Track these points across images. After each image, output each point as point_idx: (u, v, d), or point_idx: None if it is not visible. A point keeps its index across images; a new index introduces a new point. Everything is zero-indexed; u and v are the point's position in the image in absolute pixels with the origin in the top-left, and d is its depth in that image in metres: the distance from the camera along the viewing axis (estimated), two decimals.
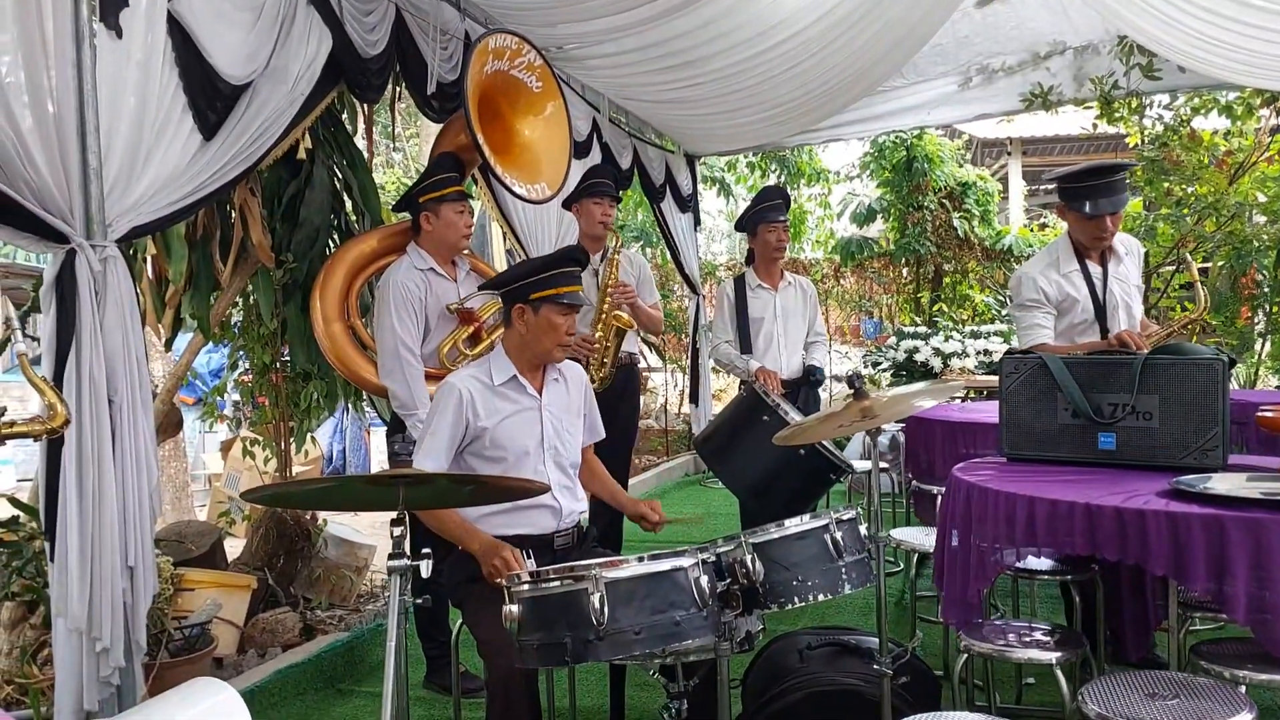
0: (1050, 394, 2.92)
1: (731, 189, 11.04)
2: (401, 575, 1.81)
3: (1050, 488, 2.50)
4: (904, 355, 7.34)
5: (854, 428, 2.41)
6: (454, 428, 2.68)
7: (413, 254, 3.51)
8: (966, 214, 9.49)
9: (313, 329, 3.60)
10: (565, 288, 2.72)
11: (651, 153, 6.87)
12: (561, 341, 2.76)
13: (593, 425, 3.03)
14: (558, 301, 2.70)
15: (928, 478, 4.09)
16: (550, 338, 2.74)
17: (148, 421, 2.80)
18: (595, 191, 4.20)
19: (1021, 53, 6.81)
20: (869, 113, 7.41)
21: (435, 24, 3.93)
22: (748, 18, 5.20)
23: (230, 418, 4.58)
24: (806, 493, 3.73)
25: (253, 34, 3.05)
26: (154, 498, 2.82)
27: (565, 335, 2.76)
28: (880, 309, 10.69)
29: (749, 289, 4.70)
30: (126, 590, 2.68)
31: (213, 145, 2.95)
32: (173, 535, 3.90)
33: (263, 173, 3.84)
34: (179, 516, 5.66)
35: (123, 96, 2.66)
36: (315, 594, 4.01)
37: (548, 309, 2.72)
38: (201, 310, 3.80)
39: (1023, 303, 3.58)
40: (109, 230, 2.65)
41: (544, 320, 2.73)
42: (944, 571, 2.70)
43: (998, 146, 12.85)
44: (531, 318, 2.74)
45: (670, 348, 10.16)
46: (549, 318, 2.72)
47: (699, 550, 1.99)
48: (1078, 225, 3.53)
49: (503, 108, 3.68)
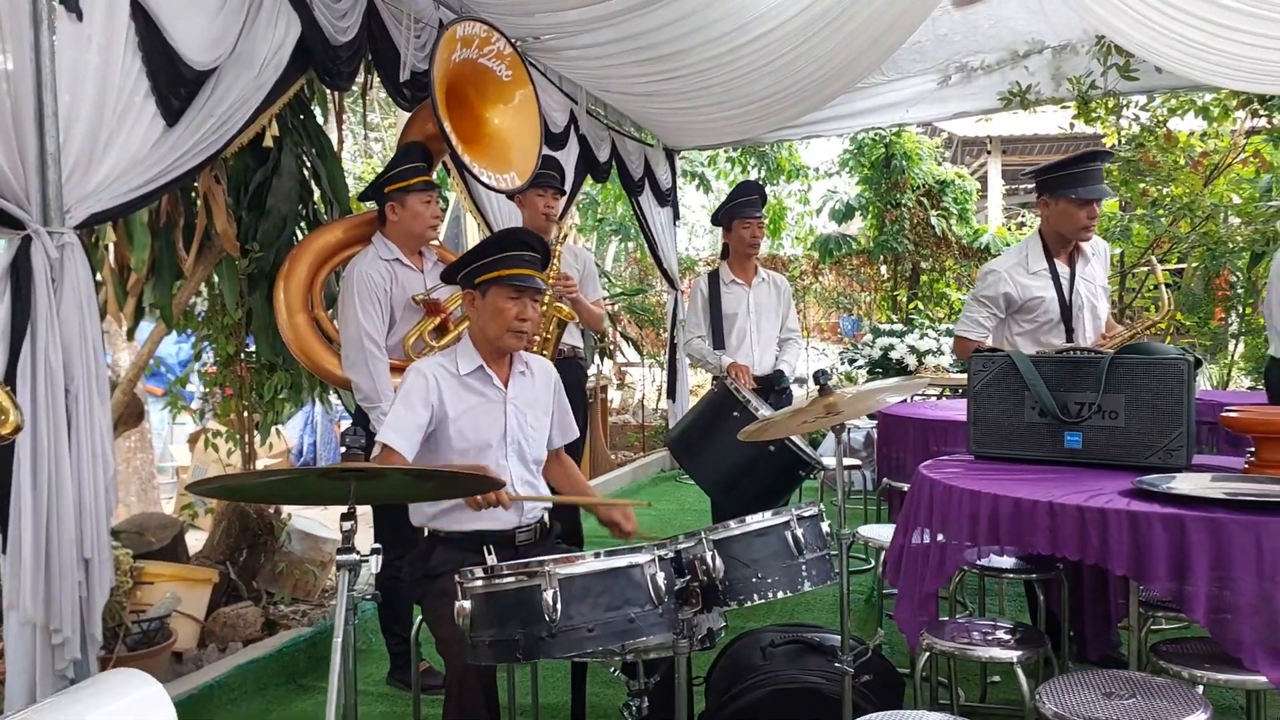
0: (1018, 392, 2.91)
1: (711, 184, 11.02)
2: (350, 570, 1.77)
3: (1015, 486, 2.49)
4: (880, 353, 7.35)
5: (819, 424, 2.39)
6: (422, 409, 2.63)
7: (378, 244, 3.46)
8: (944, 212, 9.51)
9: (276, 320, 3.55)
10: (512, 269, 2.63)
11: (630, 146, 6.84)
12: (511, 327, 2.65)
13: (563, 425, 2.97)
14: (504, 283, 2.63)
15: (899, 475, 4.09)
16: (498, 322, 2.66)
17: (105, 412, 2.76)
18: (539, 183, 4.03)
19: (1000, 51, 6.82)
20: (848, 109, 7.41)
21: (409, 11, 3.89)
22: (727, 10, 5.17)
23: (196, 410, 4.51)
24: (776, 489, 3.73)
25: (219, 18, 3.01)
26: (110, 489, 2.78)
27: (515, 320, 2.65)
28: (858, 306, 10.71)
29: (723, 284, 4.67)
30: (82, 583, 2.65)
31: (176, 131, 2.90)
32: (133, 528, 3.85)
33: (228, 160, 3.79)
34: (145, 509, 5.59)
35: (83, 81, 2.61)
36: (278, 588, 3.97)
37: (494, 292, 2.65)
38: (164, 299, 3.74)
39: (977, 295, 3.68)
40: (67, 217, 2.60)
41: (491, 304, 2.67)
42: (900, 568, 2.69)
43: (977, 145, 12.89)
44: (481, 303, 2.69)
45: (649, 343, 10.14)
46: (495, 302, 2.66)
47: (658, 547, 1.97)
48: (1065, 214, 3.52)
49: (471, 97, 3.64)
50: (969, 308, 3.73)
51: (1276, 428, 2.56)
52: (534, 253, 2.72)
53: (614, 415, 9.71)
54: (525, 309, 2.67)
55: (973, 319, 3.66)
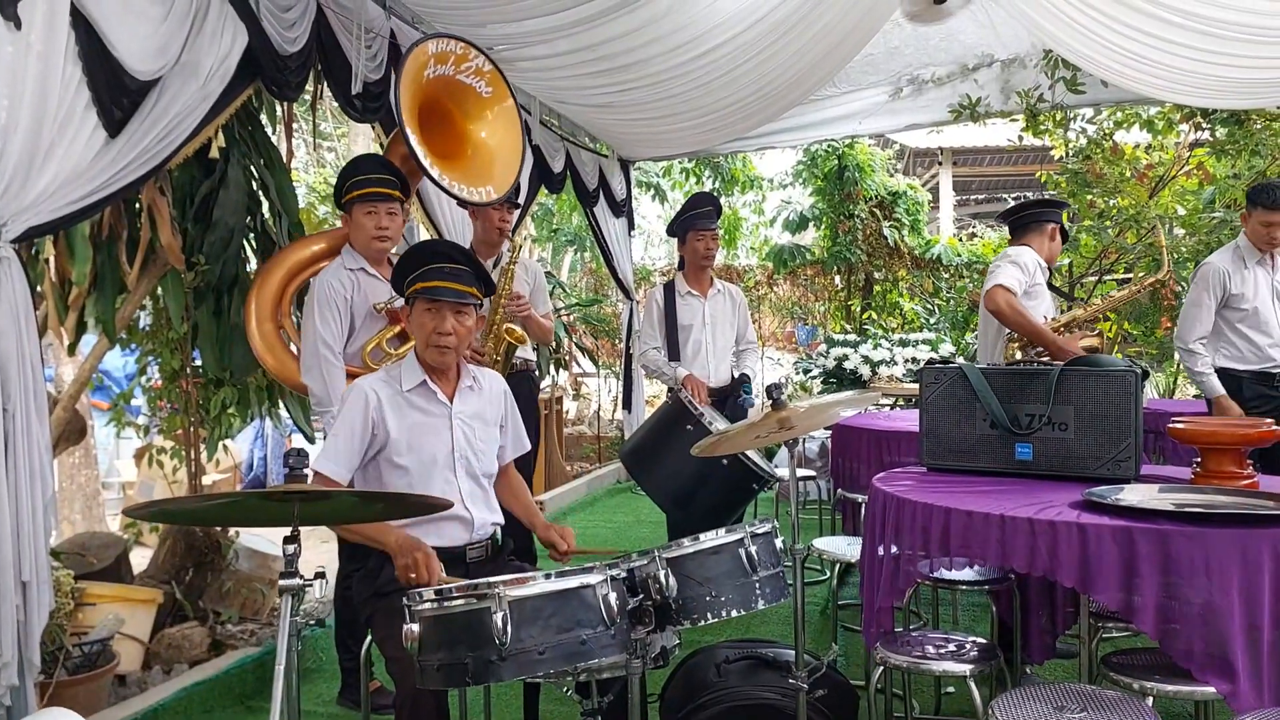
0: (969, 404, 2.94)
1: (667, 194, 11.05)
2: (294, 595, 1.73)
3: (966, 498, 2.51)
4: (834, 363, 7.40)
5: (772, 438, 2.39)
6: (362, 432, 2.59)
7: (345, 254, 3.45)
8: (897, 223, 9.62)
9: (245, 327, 3.54)
10: (429, 282, 2.57)
11: (585, 156, 6.83)
12: (431, 341, 2.59)
13: (516, 438, 2.93)
14: (421, 296, 2.58)
15: (853, 486, 4.11)
16: (419, 336, 2.62)
17: (44, 431, 2.69)
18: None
19: (950, 64, 6.93)
20: (802, 121, 7.48)
21: (359, 22, 3.85)
22: (682, 22, 5.18)
23: (141, 425, 4.41)
24: (730, 502, 3.72)
25: (163, 27, 2.95)
26: (49, 510, 2.71)
27: (434, 334, 2.58)
28: (813, 316, 10.79)
29: (678, 295, 4.66)
30: (20, 607, 2.57)
31: (118, 142, 2.85)
32: (74, 548, 3.74)
33: (173, 172, 3.71)
34: (90, 526, 5.45)
35: (21, 91, 2.54)
36: (225, 608, 3.88)
37: (416, 306, 2.61)
38: (106, 313, 3.65)
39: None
40: (4, 230, 2.55)
41: (415, 318, 2.63)
42: (865, 582, 2.70)
43: (929, 156, 13.07)
44: (410, 316, 2.65)
45: (604, 353, 10.12)
46: (417, 315, 2.62)
47: (609, 567, 1.95)
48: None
49: (453, 113, 3.62)
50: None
51: (1221, 439, 2.61)
52: (455, 264, 2.62)
53: (569, 426, 9.66)
54: (444, 322, 2.59)
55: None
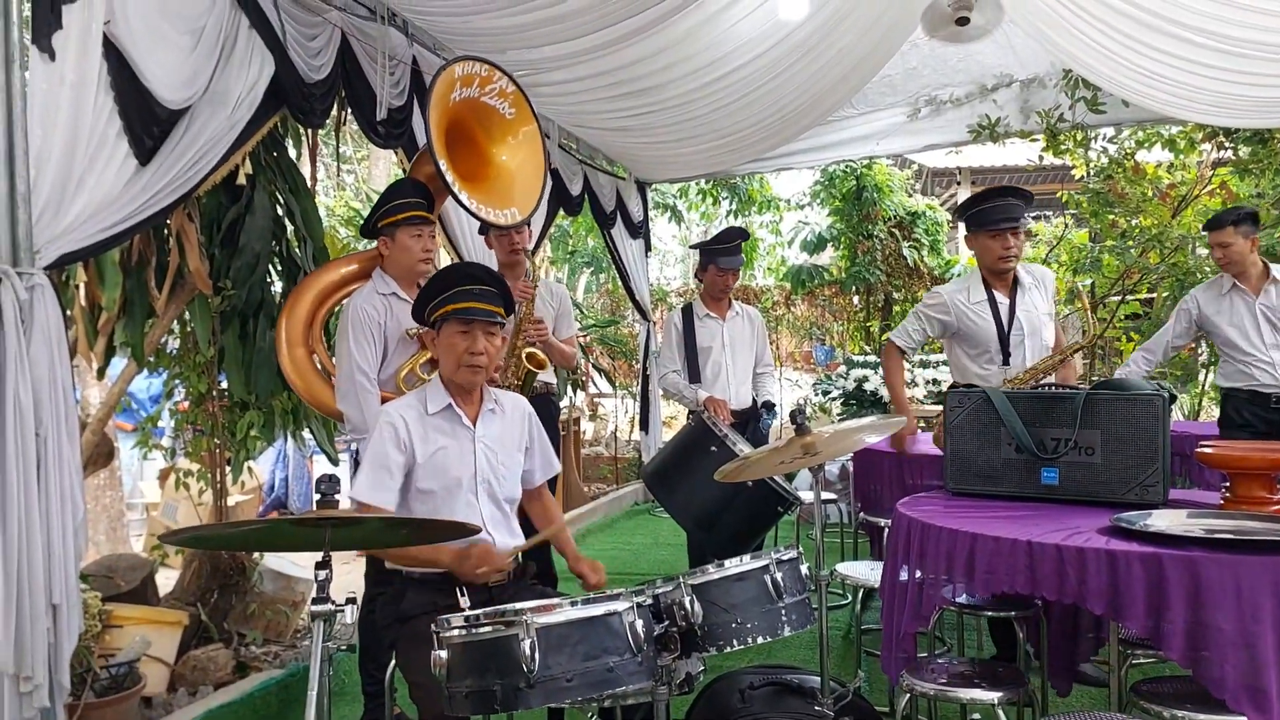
0: (994, 428, 2.93)
1: (683, 215, 11.08)
2: (326, 620, 1.74)
3: (992, 524, 2.50)
4: (854, 384, 7.38)
5: (796, 464, 2.39)
6: (398, 458, 2.60)
7: (376, 279, 3.47)
8: (916, 243, 9.62)
9: (275, 352, 3.56)
10: (460, 303, 2.60)
11: (602, 179, 6.87)
12: (463, 361, 2.61)
13: (545, 460, 2.94)
14: (453, 318, 2.60)
15: (876, 509, 4.09)
16: (451, 358, 2.63)
17: (74, 454, 2.71)
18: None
19: (969, 85, 6.93)
20: (819, 142, 7.49)
21: (382, 49, 3.89)
22: (700, 46, 5.22)
23: (166, 447, 4.45)
24: (754, 525, 3.71)
25: (192, 57, 2.99)
26: (80, 533, 2.73)
27: (467, 354, 2.60)
28: (831, 336, 10.77)
29: (697, 318, 4.69)
30: (50, 629, 2.59)
31: (148, 170, 2.87)
32: (102, 570, 3.77)
33: (201, 198, 3.76)
34: (114, 547, 5.49)
35: (55, 120, 2.58)
36: (250, 629, 3.90)
37: (446, 328, 2.63)
38: (135, 338, 3.69)
39: (918, 310, 4.01)
40: (37, 258, 2.56)
41: (444, 340, 2.65)
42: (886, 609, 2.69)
43: (947, 176, 13.07)
44: (437, 339, 2.67)
45: (621, 374, 10.14)
46: (447, 337, 2.63)
47: (635, 593, 1.95)
48: (983, 247, 3.80)
49: (476, 134, 3.65)
50: (910, 318, 4.04)
51: (1251, 464, 2.58)
52: (484, 285, 2.67)
53: (587, 447, 9.67)
54: (476, 342, 2.62)
55: (906, 329, 4.00)
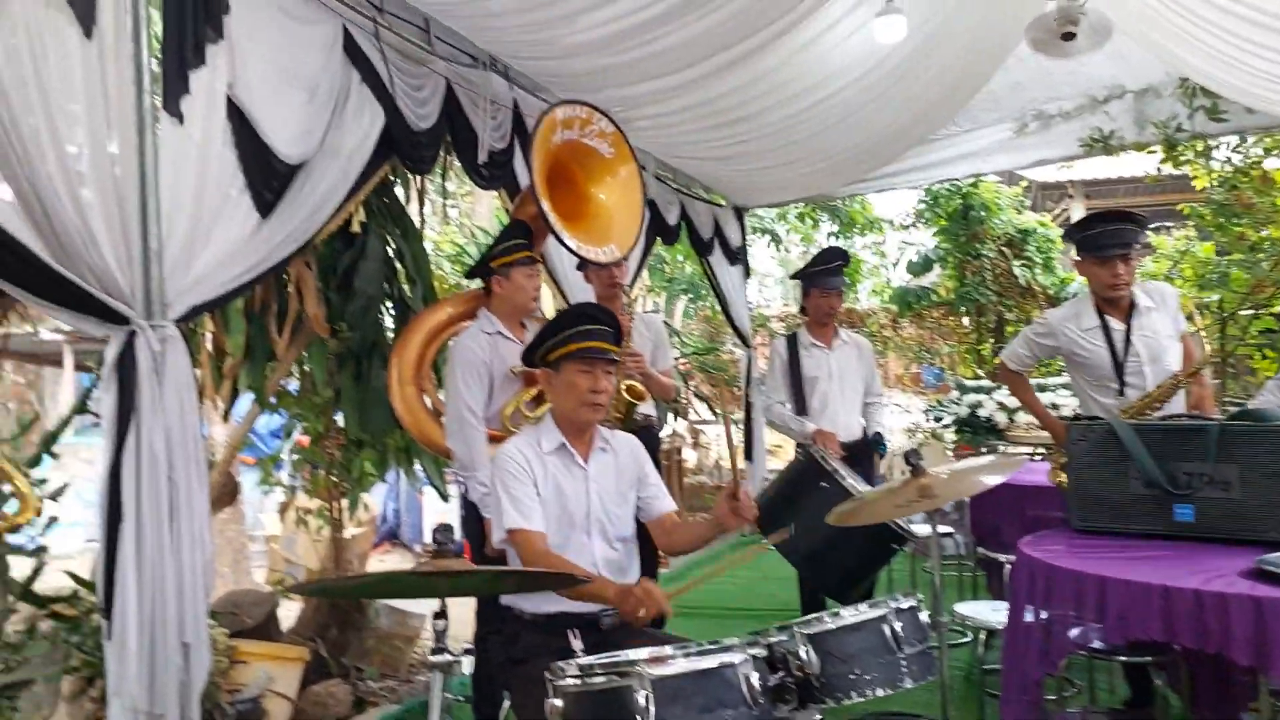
0: (1120, 462, 2.80)
1: (782, 238, 11.00)
2: (444, 671, 1.76)
3: (1123, 566, 2.39)
4: (967, 410, 7.14)
5: (913, 508, 2.32)
6: (530, 485, 2.62)
7: (482, 318, 3.56)
8: (1028, 262, 9.30)
9: (388, 391, 3.67)
10: (582, 343, 2.63)
11: (699, 207, 6.87)
12: (585, 400, 2.63)
13: (661, 494, 2.92)
14: (574, 357, 2.62)
15: (995, 543, 3.96)
16: (573, 397, 2.65)
17: (203, 498, 2.81)
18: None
19: (1078, 97, 6.71)
20: (922, 161, 7.35)
21: (485, 95, 3.99)
22: (796, 72, 5.19)
23: (286, 484, 4.62)
24: (867, 563, 3.60)
25: (308, 114, 3.10)
26: (208, 572, 2.82)
27: (589, 393, 2.63)
28: (940, 358, 10.50)
29: (802, 347, 4.58)
30: (181, 667, 2.68)
31: (269, 223, 2.98)
32: (228, 606, 3.92)
33: (318, 246, 3.91)
34: (238, 578, 5.71)
35: (183, 179, 2.69)
36: (367, 664, 3.99)
37: (567, 367, 2.65)
38: (258, 380, 3.86)
39: (1025, 336, 3.84)
40: (168, 310, 2.67)
41: (565, 380, 2.66)
42: (1010, 654, 2.58)
43: (1058, 190, 12.62)
44: (556, 379, 2.69)
45: (723, 401, 10.07)
46: (568, 376, 2.65)
47: (748, 644, 1.92)
48: (1092, 275, 3.58)
49: (576, 175, 3.72)
50: (1018, 339, 3.88)
51: None
52: (602, 326, 2.70)
53: (689, 476, 9.60)
54: (598, 381, 2.65)
55: (1016, 352, 3.84)
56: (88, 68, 2.41)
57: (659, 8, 3.91)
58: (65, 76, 2.37)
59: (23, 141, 2.27)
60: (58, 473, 3.90)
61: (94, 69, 2.42)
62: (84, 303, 2.46)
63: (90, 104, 2.43)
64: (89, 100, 2.43)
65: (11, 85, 2.25)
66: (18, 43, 2.26)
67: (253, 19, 2.87)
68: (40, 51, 2.31)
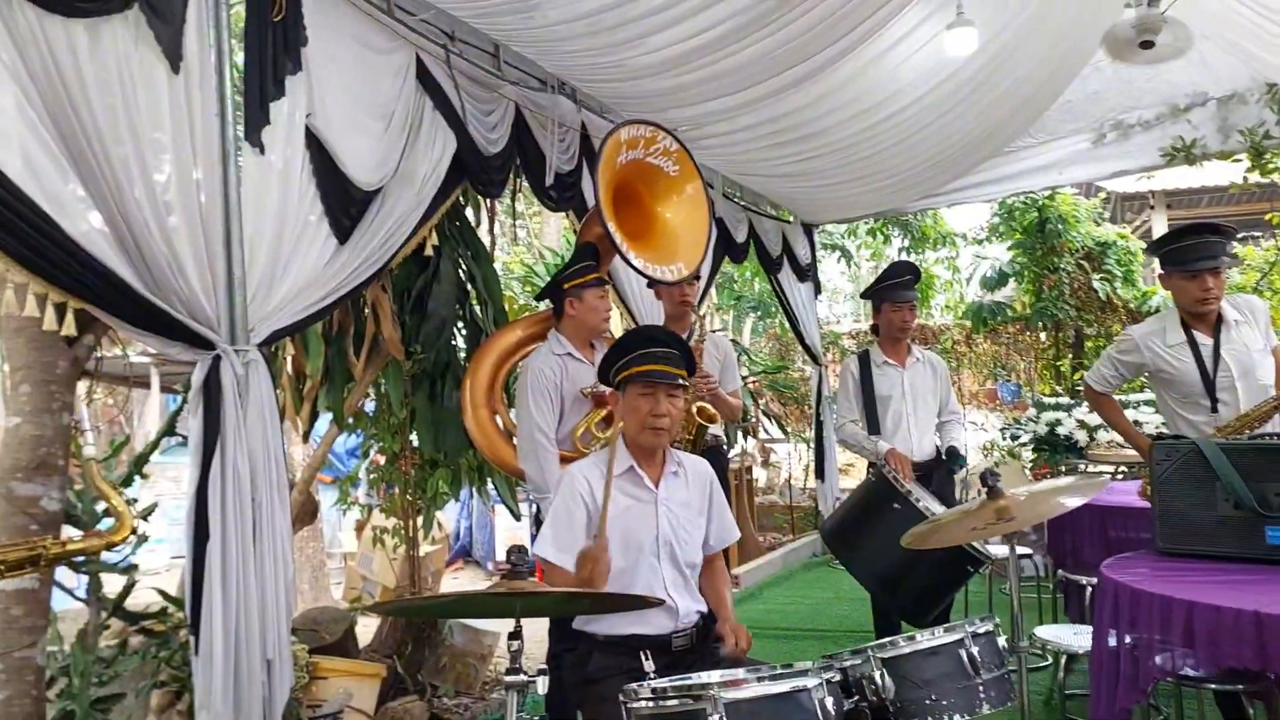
0: (1208, 483, 2.71)
1: (852, 254, 10.90)
2: (519, 692, 1.78)
3: (1212, 590, 2.30)
4: (1045, 428, 6.96)
5: (990, 530, 2.28)
6: (581, 518, 2.63)
7: (552, 340, 3.61)
8: (1107, 275, 9.05)
9: (461, 412, 3.73)
10: (643, 366, 2.62)
11: (767, 224, 6.85)
12: (647, 424, 2.63)
13: (722, 527, 2.89)
14: (636, 380, 2.63)
15: (1075, 565, 3.85)
16: (635, 420, 2.65)
17: (285, 517, 2.88)
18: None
19: (1159, 106, 6.55)
20: (996, 174, 7.23)
21: (553, 117, 4.04)
22: (863, 89, 5.16)
23: (363, 503, 4.72)
24: (942, 586, 3.53)
25: (383, 142, 3.18)
26: (290, 590, 2.88)
27: (650, 417, 2.62)
28: (1017, 373, 10.26)
29: (874, 366, 4.50)
30: (265, 683, 2.74)
31: (346, 249, 3.05)
32: (308, 623, 4.01)
33: (393, 270, 3.99)
34: (316, 595, 5.84)
35: (264, 207, 2.78)
36: (442, 681, 4.04)
37: (630, 390, 2.66)
38: (336, 402, 3.95)
39: (1108, 355, 3.74)
40: (251, 335, 2.74)
41: (629, 403, 2.67)
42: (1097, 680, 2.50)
43: (1139, 200, 12.28)
44: (622, 401, 2.70)
45: (792, 419, 9.98)
46: (631, 399, 2.66)
47: (822, 668, 1.90)
48: (1179, 289, 3.48)
49: (642, 194, 3.75)
50: (1102, 360, 3.77)
51: None
52: (666, 348, 2.69)
53: (760, 495, 9.52)
54: (659, 404, 2.63)
55: (1102, 373, 3.73)
56: (174, 100, 2.50)
57: (724, 27, 3.92)
58: (153, 109, 2.47)
59: (113, 171, 2.37)
60: (146, 492, 4.05)
61: (180, 101, 2.52)
62: (172, 329, 2.55)
63: (176, 135, 2.52)
64: (175, 131, 2.52)
65: (103, 117, 2.35)
66: (109, 78, 2.36)
67: (330, 50, 2.97)
68: (130, 86, 2.40)
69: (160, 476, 10.27)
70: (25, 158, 2.21)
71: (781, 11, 3.94)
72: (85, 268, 2.31)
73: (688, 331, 4.22)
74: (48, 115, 2.26)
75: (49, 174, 2.25)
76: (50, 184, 2.25)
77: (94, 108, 2.33)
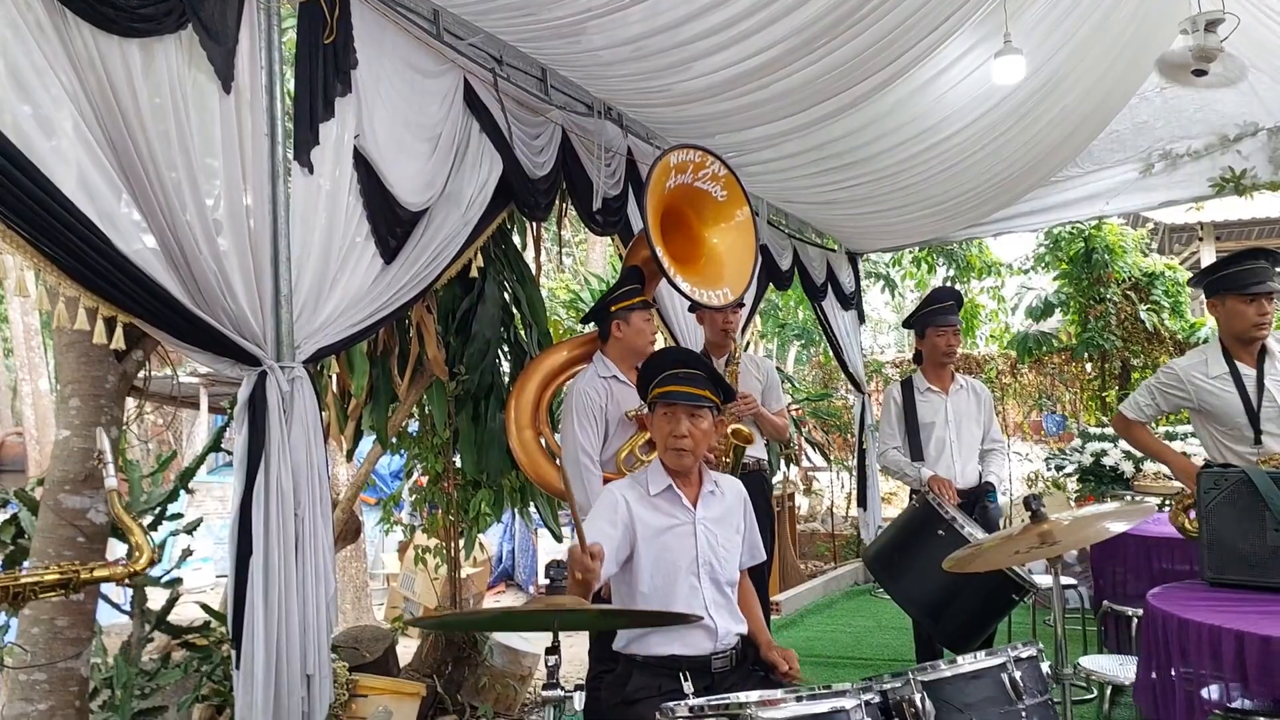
0: (1256, 511, 2.65)
1: (897, 284, 10.83)
2: (556, 707, 1.78)
3: (1262, 621, 2.25)
4: (1090, 459, 6.84)
5: (1033, 555, 2.24)
6: (611, 530, 2.62)
7: (597, 362, 3.63)
8: (1155, 306, 8.91)
9: (505, 433, 3.74)
10: (664, 387, 2.66)
11: (812, 252, 6.84)
12: (668, 445, 2.65)
13: (751, 545, 2.90)
14: (659, 401, 2.66)
15: (1119, 596, 3.77)
16: (659, 440, 2.69)
17: (327, 533, 2.91)
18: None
19: (1208, 136, 6.47)
20: (1042, 204, 7.18)
21: (599, 142, 4.08)
22: (909, 117, 5.15)
23: (406, 523, 4.76)
24: (986, 614, 3.47)
25: (430, 163, 3.22)
26: (331, 606, 2.90)
27: (671, 438, 2.64)
28: (1062, 405, 10.10)
29: (918, 392, 4.48)
30: (304, 699, 2.76)
31: (392, 268, 3.09)
32: (349, 640, 4.04)
33: (438, 291, 4.05)
34: (358, 615, 5.88)
35: (312, 227, 2.82)
36: (481, 702, 4.04)
37: (656, 410, 2.69)
38: (380, 422, 4.00)
39: (1149, 385, 3.67)
40: (297, 352, 2.78)
41: (655, 423, 2.70)
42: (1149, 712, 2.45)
43: (1187, 231, 12.10)
44: (651, 423, 2.73)
45: (836, 448, 9.91)
46: (656, 420, 2.70)
47: (861, 689, 1.87)
48: (1233, 313, 3.41)
49: (689, 218, 3.78)
50: (1142, 391, 3.71)
51: None
52: (688, 369, 2.71)
53: (802, 523, 9.45)
54: (680, 425, 2.65)
55: (1138, 403, 3.68)
56: (225, 122, 2.55)
57: (770, 53, 3.94)
58: (205, 130, 2.52)
59: (165, 192, 2.41)
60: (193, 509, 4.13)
61: (231, 123, 2.57)
62: (219, 344, 2.59)
63: (227, 156, 2.57)
64: (226, 152, 2.57)
65: (156, 139, 2.40)
66: (162, 100, 2.41)
67: (379, 72, 3.02)
68: (182, 105, 2.45)
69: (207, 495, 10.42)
70: (80, 176, 2.25)
71: (828, 38, 3.96)
72: (135, 282, 2.35)
73: (726, 355, 4.23)
74: (104, 135, 2.30)
75: (103, 193, 2.29)
76: (104, 203, 2.29)
77: (148, 130, 2.37)
